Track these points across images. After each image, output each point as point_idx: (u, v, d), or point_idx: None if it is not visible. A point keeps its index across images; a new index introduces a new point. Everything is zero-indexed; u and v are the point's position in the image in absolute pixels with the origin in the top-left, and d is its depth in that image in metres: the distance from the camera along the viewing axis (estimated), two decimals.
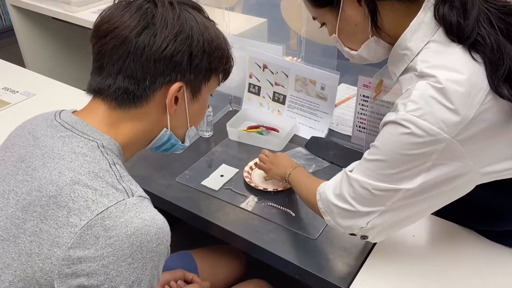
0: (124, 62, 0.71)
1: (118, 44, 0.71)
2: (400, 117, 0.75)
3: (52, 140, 0.71)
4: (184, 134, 0.85)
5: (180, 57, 0.72)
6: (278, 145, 1.35)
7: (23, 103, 1.57)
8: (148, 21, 0.71)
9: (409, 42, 0.80)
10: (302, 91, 1.42)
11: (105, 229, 0.62)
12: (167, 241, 0.68)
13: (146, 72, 0.72)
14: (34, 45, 2.56)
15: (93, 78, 0.75)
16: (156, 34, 0.70)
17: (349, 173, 0.84)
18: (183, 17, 0.73)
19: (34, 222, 0.64)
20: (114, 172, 0.69)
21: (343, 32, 0.88)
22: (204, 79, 0.78)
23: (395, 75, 0.87)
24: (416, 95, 0.74)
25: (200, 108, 0.82)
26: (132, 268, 0.63)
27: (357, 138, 1.35)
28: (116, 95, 0.73)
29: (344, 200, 0.85)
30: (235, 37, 1.51)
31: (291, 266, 0.98)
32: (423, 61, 0.77)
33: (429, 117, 0.72)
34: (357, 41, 0.88)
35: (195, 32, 0.73)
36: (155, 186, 1.21)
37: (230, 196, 1.17)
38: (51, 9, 2.27)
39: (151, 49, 0.70)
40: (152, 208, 0.68)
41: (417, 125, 0.73)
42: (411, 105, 0.74)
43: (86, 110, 0.77)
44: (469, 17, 0.74)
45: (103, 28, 0.72)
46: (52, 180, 0.66)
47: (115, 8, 0.73)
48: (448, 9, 0.76)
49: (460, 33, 0.74)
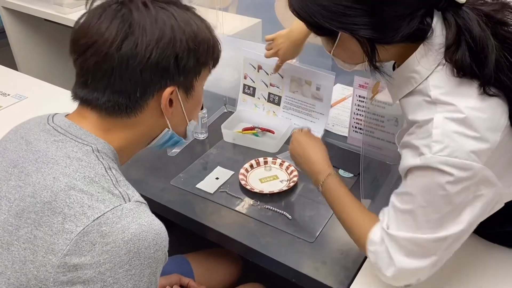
0: (110, 78, 0.69)
1: (100, 61, 0.68)
2: (428, 161, 0.72)
3: (46, 145, 0.69)
4: (185, 129, 0.84)
5: (166, 63, 0.70)
6: (273, 146, 1.33)
7: (15, 106, 1.55)
8: (126, 31, 0.67)
9: (418, 66, 0.76)
10: (297, 92, 1.41)
11: (101, 235, 0.61)
12: (165, 246, 0.67)
13: (135, 84, 0.70)
14: (26, 47, 2.54)
15: (78, 89, 0.73)
16: (137, 44, 0.67)
17: (391, 232, 0.79)
18: (160, 18, 0.69)
19: (28, 229, 0.63)
20: (110, 176, 0.67)
21: (338, 54, 0.85)
22: (195, 75, 0.76)
23: (396, 97, 0.84)
24: (438, 134, 0.71)
25: (195, 102, 0.81)
26: (129, 275, 0.62)
27: (353, 139, 1.34)
28: (106, 107, 0.71)
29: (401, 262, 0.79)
30: (229, 37, 1.50)
31: (288, 270, 0.97)
32: (436, 86, 0.74)
33: (459, 153, 0.70)
34: (352, 62, 0.86)
35: (176, 31, 0.70)
36: (150, 190, 1.19)
37: (226, 199, 1.16)
38: (43, 11, 2.25)
39: (135, 61, 0.68)
40: (149, 213, 0.67)
41: (449, 164, 0.70)
42: (436, 145, 0.71)
43: (78, 114, 0.75)
44: (486, 66, 0.71)
45: (82, 43, 0.69)
46: (46, 186, 0.64)
47: (90, 18, 0.70)
48: (461, 56, 0.71)
49: (475, 77, 0.72)
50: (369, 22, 0.72)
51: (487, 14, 0.73)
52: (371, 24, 0.72)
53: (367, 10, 0.72)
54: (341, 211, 0.91)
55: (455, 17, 0.73)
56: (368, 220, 0.86)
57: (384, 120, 1.20)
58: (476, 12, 0.73)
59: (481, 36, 0.71)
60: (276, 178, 1.23)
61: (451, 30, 0.73)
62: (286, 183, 1.20)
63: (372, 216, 0.86)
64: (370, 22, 0.72)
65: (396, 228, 0.78)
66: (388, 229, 0.79)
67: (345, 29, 0.74)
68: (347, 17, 0.73)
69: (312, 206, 1.12)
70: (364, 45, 0.75)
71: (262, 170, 1.26)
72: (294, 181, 1.19)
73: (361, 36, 0.74)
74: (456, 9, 0.73)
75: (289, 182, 1.20)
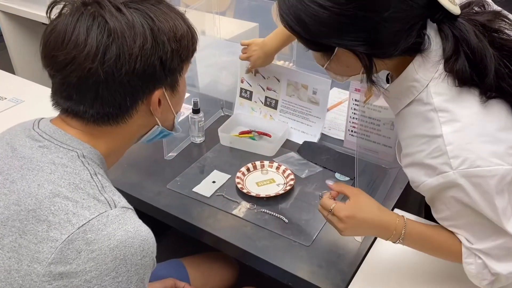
0: (97, 92, 0.67)
1: (83, 76, 0.66)
2: (452, 178, 0.72)
3: (31, 151, 0.68)
4: (173, 122, 0.83)
5: (152, 68, 0.68)
6: (270, 150, 1.33)
7: (11, 110, 1.55)
8: (106, 43, 0.65)
9: (417, 74, 0.76)
10: (294, 96, 1.41)
11: (87, 243, 0.60)
12: (152, 252, 0.65)
13: (124, 94, 0.69)
14: (23, 50, 2.54)
15: (60, 99, 0.70)
16: (119, 55, 0.65)
17: (474, 246, 0.78)
18: (137, 23, 0.67)
19: (13, 237, 0.62)
20: (96, 182, 0.67)
21: (331, 69, 0.83)
22: (179, 72, 0.75)
23: (397, 108, 0.83)
24: (453, 150, 0.71)
25: (181, 95, 0.80)
26: (116, 282, 0.61)
27: (349, 142, 1.34)
28: (94, 119, 0.70)
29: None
30: (227, 41, 1.50)
31: (284, 273, 0.97)
32: (438, 93, 0.74)
33: (480, 162, 0.70)
34: (345, 75, 0.84)
35: (156, 33, 0.68)
36: (146, 194, 1.19)
37: (222, 202, 1.16)
38: (41, 15, 2.25)
39: (120, 73, 0.66)
40: (136, 219, 0.66)
41: (475, 175, 0.70)
42: (455, 161, 0.71)
43: (62, 121, 0.73)
44: (486, 76, 0.71)
45: (60, 60, 0.66)
46: (31, 193, 0.64)
47: (63, 28, 0.66)
48: (462, 67, 0.71)
49: (475, 86, 0.72)
50: (368, 38, 0.71)
51: (483, 24, 0.73)
52: (370, 40, 0.72)
53: (367, 26, 0.71)
54: (431, 247, 0.86)
55: (452, 28, 0.73)
56: (454, 238, 0.82)
57: (380, 123, 1.20)
58: (472, 22, 0.73)
59: (479, 47, 0.71)
60: (273, 181, 1.23)
61: (449, 42, 0.73)
62: (282, 186, 1.20)
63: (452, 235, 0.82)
64: (370, 38, 0.71)
65: (476, 243, 0.78)
66: (473, 245, 0.79)
67: (344, 45, 0.73)
68: (347, 34, 0.71)
69: (309, 210, 1.12)
70: (363, 60, 0.74)
71: (258, 174, 1.26)
72: (291, 184, 1.19)
73: (360, 52, 0.73)
74: (452, 20, 0.73)
75: (286, 185, 1.20)
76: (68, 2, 0.69)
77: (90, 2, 0.68)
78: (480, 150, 0.70)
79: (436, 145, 0.73)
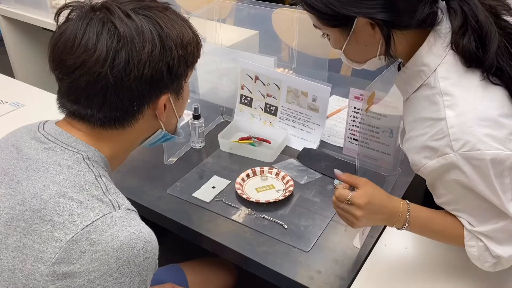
0: (105, 96, 0.68)
1: (92, 81, 0.67)
2: (453, 159, 0.74)
3: (36, 153, 0.69)
4: (175, 126, 0.85)
5: (159, 74, 0.70)
6: (270, 156, 1.34)
7: (12, 114, 1.56)
8: (116, 48, 0.66)
9: (426, 58, 0.79)
10: (293, 103, 1.42)
11: (90, 244, 0.61)
12: (154, 254, 0.66)
13: (131, 99, 0.70)
14: (23, 55, 2.54)
15: (67, 102, 0.71)
16: (128, 61, 0.66)
17: (475, 229, 0.81)
18: (146, 29, 0.68)
19: (17, 237, 0.63)
20: (100, 184, 0.67)
21: (349, 50, 0.85)
22: (185, 77, 0.77)
23: (407, 93, 0.85)
24: (455, 132, 0.73)
25: (185, 100, 0.82)
26: (119, 283, 0.62)
27: (348, 149, 1.35)
28: (101, 122, 0.71)
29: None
30: (227, 48, 1.51)
31: (283, 279, 0.97)
32: (444, 78, 0.76)
33: (481, 145, 0.72)
34: (363, 58, 0.87)
35: (164, 39, 0.70)
36: (146, 198, 1.19)
37: (222, 208, 1.16)
38: (41, 20, 2.26)
39: (129, 78, 0.67)
40: (139, 221, 0.67)
41: (475, 158, 0.72)
42: (456, 143, 0.73)
43: (68, 123, 0.74)
44: (489, 50, 0.74)
45: (69, 64, 0.67)
46: (36, 194, 0.64)
47: (72, 32, 0.67)
48: (468, 41, 0.75)
49: (479, 65, 0.75)
50: (387, 5, 0.75)
51: (490, 4, 0.77)
52: (389, 7, 0.75)
53: None
54: (435, 231, 0.88)
55: (461, 4, 0.76)
56: (456, 221, 0.84)
57: (379, 131, 1.21)
58: (479, 1, 0.77)
59: (485, 22, 0.74)
60: (272, 187, 1.24)
61: (457, 17, 0.76)
62: (282, 192, 1.21)
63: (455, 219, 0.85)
64: (388, 5, 0.75)
65: (477, 226, 0.80)
66: (475, 229, 0.81)
67: (363, 13, 0.76)
68: (365, 1, 0.75)
69: (308, 216, 1.13)
70: (383, 30, 0.77)
71: (258, 180, 1.26)
72: (290, 190, 1.19)
73: (379, 19, 0.76)
74: None
75: (285, 191, 1.21)
76: (76, 7, 0.70)
77: (99, 8, 0.69)
78: (481, 134, 0.72)
79: (439, 127, 0.75)
